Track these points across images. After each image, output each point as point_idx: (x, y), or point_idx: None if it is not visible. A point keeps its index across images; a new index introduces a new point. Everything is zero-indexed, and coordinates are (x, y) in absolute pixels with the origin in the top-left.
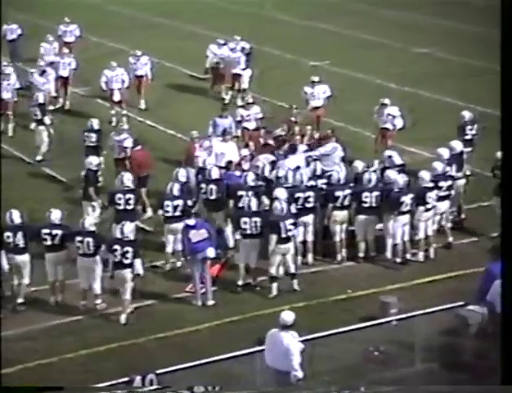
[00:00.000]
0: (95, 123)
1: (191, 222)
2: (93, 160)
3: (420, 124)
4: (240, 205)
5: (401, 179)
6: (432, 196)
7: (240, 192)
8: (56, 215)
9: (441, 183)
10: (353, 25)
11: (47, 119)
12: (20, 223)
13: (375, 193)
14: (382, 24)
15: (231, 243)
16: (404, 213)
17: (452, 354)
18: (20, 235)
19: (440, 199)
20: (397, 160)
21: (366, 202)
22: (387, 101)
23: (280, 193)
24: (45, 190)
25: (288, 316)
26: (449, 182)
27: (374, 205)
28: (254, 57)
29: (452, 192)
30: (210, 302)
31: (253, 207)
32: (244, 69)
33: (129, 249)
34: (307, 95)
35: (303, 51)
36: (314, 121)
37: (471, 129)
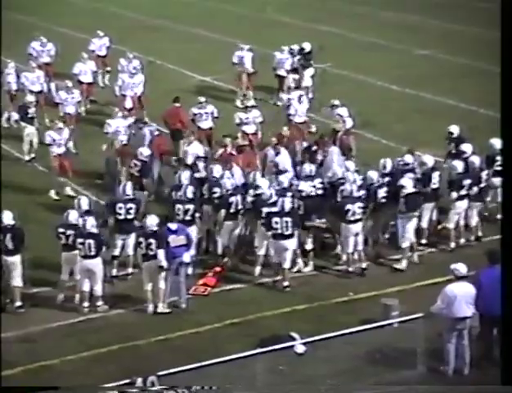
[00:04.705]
0: None
1: (173, 226)
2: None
3: (422, 126)
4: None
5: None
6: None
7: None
8: (73, 216)
9: (464, 182)
10: (355, 27)
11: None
12: (11, 225)
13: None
14: (383, 26)
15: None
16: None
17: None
18: (8, 237)
19: (459, 198)
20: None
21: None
22: (337, 102)
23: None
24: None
25: (463, 267)
26: (469, 181)
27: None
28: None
29: (471, 192)
30: (183, 305)
31: (287, 208)
32: (288, 70)
33: (152, 241)
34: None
35: None
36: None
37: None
